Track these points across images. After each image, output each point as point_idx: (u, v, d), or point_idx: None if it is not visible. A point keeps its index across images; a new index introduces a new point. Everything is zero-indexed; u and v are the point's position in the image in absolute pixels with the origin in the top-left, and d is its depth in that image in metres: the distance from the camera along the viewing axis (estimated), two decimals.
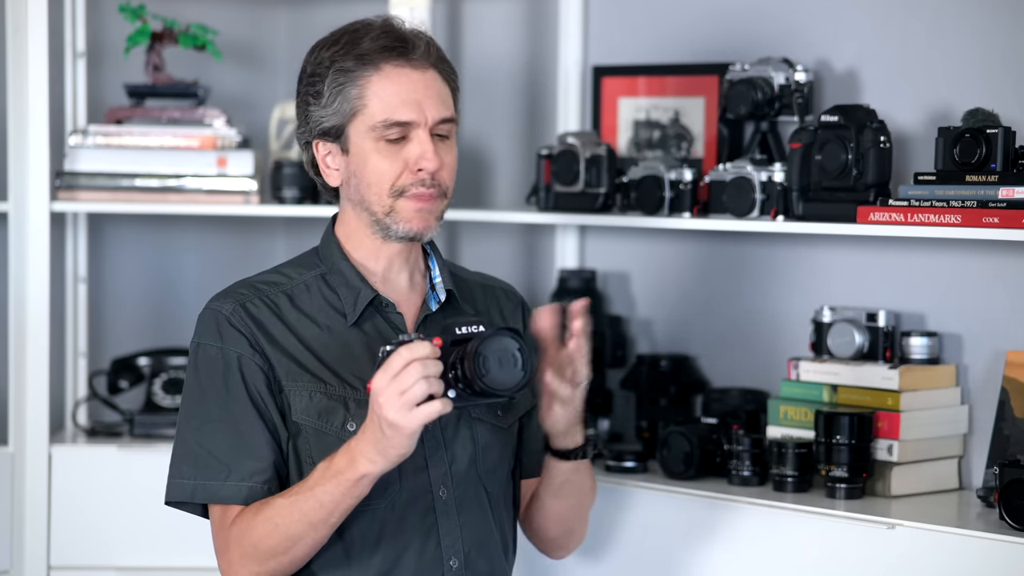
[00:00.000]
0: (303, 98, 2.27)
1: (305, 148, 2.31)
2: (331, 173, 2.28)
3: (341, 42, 2.25)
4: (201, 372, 2.23)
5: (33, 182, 3.06)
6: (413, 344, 2.04)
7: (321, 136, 2.26)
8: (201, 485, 2.20)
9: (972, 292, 2.77)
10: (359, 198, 2.26)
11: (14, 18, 3.06)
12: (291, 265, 2.34)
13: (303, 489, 2.14)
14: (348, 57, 2.23)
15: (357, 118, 2.23)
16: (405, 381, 2.03)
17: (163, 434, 3.21)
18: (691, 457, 2.77)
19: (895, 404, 2.66)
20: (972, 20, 2.76)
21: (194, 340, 2.24)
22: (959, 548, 2.40)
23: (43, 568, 3.07)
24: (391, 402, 2.03)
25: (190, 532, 3.09)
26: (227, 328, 2.22)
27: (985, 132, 2.52)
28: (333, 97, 2.23)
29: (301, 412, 2.22)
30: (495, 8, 3.39)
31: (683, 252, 3.14)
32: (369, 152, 2.23)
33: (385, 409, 2.03)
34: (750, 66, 2.87)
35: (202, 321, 2.25)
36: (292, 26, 3.61)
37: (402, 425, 2.03)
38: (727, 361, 3.08)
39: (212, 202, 3.16)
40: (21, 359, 3.07)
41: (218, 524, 2.21)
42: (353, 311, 2.26)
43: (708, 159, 3.05)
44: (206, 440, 2.21)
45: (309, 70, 2.26)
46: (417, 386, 2.03)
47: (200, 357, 2.23)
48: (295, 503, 2.13)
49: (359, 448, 2.09)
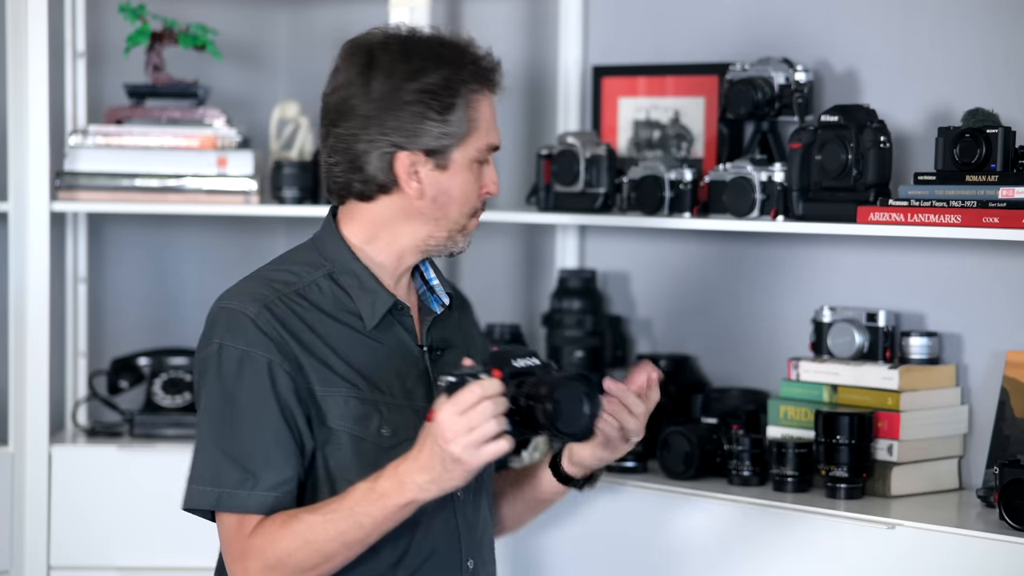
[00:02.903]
0: (418, 109, 2.21)
1: (374, 152, 2.22)
2: (411, 184, 2.23)
3: (466, 63, 2.24)
4: (225, 375, 2.15)
5: (33, 182, 3.06)
6: (485, 381, 2.04)
7: (422, 149, 2.23)
8: (227, 494, 2.14)
9: (972, 292, 2.77)
10: (439, 214, 2.25)
11: (14, 18, 3.06)
12: (295, 263, 2.28)
13: (340, 508, 2.10)
14: (473, 80, 2.24)
15: (467, 139, 2.24)
16: (475, 418, 2.02)
17: (163, 434, 3.21)
18: (691, 457, 2.77)
19: (895, 404, 2.66)
20: (972, 20, 2.76)
21: (214, 340, 2.16)
22: (959, 548, 2.40)
23: (43, 568, 3.07)
24: (460, 438, 2.02)
25: (190, 532, 3.09)
26: (253, 331, 2.16)
27: (985, 132, 2.52)
28: (460, 117, 2.23)
29: (338, 417, 2.19)
30: (495, 8, 3.39)
31: (683, 252, 3.15)
32: (466, 172, 2.25)
33: (452, 444, 2.02)
34: (750, 66, 2.87)
35: (222, 321, 2.17)
36: (292, 26, 3.61)
37: (467, 462, 2.03)
38: (727, 361, 3.08)
39: (212, 202, 3.16)
40: (21, 359, 3.07)
41: (234, 532, 2.15)
42: (372, 316, 2.24)
43: (708, 159, 3.05)
44: (231, 447, 2.14)
45: (438, 84, 2.21)
46: (488, 425, 2.03)
47: (224, 360, 2.15)
48: (331, 522, 2.10)
49: (410, 474, 2.07)
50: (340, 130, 2.25)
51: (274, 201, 3.21)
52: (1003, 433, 2.65)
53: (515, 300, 3.38)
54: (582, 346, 3.11)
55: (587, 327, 3.12)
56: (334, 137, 2.27)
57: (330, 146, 2.28)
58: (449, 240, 2.28)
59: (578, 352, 3.10)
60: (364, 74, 2.24)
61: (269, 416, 2.15)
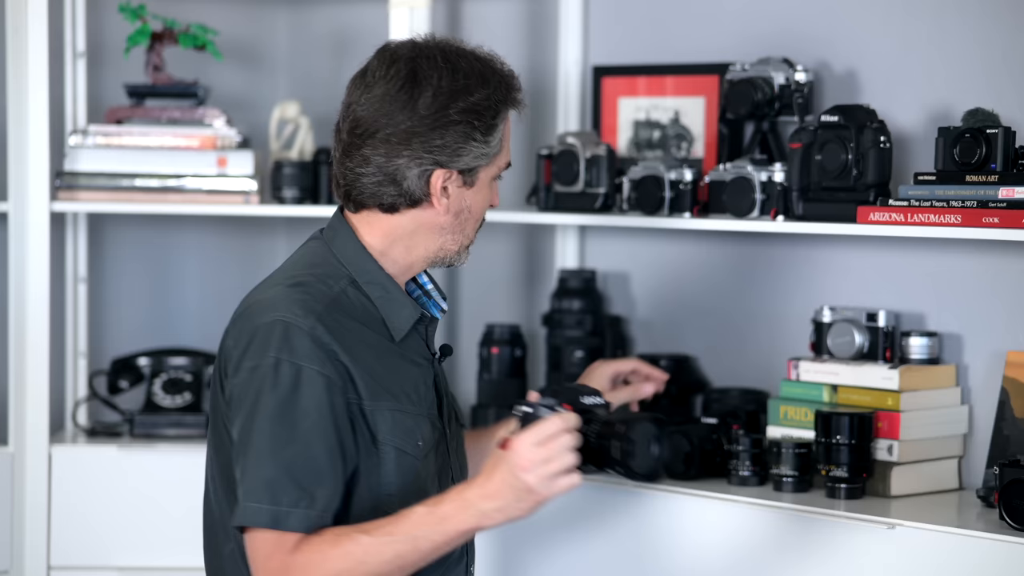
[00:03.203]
0: (464, 130, 2.21)
1: (415, 168, 2.21)
2: (441, 200, 2.24)
3: (501, 83, 2.25)
4: (283, 391, 2.11)
5: (33, 182, 3.06)
6: (566, 415, 2.10)
7: (460, 168, 2.24)
8: (283, 512, 2.09)
9: (972, 292, 2.77)
10: (459, 228, 2.27)
11: (14, 18, 3.06)
12: (318, 268, 2.24)
13: (397, 530, 2.09)
14: (507, 100, 2.26)
15: (495, 159, 2.27)
16: (553, 451, 2.07)
17: (163, 434, 3.21)
18: (691, 457, 2.77)
19: (895, 404, 2.66)
20: (972, 20, 2.76)
21: (270, 354, 2.11)
22: (959, 548, 2.40)
23: (43, 568, 3.07)
24: (537, 469, 2.06)
25: (190, 532, 3.09)
26: (310, 345, 2.12)
27: (985, 132, 2.52)
28: (498, 138, 2.26)
29: (387, 433, 2.18)
30: (495, 8, 3.39)
31: (683, 252, 3.14)
32: (487, 189, 2.29)
33: (529, 474, 2.05)
34: (750, 66, 2.87)
35: (278, 334, 2.12)
36: (292, 26, 3.61)
37: (540, 493, 2.07)
38: (727, 361, 3.08)
39: (212, 202, 3.16)
40: (21, 359, 3.07)
41: (272, 547, 2.10)
42: (399, 327, 2.24)
43: (708, 159, 3.05)
44: (289, 465, 2.10)
45: (483, 104, 2.22)
46: (565, 458, 2.07)
47: (282, 375, 2.11)
48: (388, 544, 2.08)
49: (478, 501, 2.08)
50: (377, 142, 2.21)
51: (274, 201, 3.21)
52: (1003, 433, 2.65)
53: (515, 300, 3.38)
54: (582, 346, 3.11)
55: (587, 327, 3.12)
56: (369, 148, 2.22)
57: (362, 157, 2.23)
58: (458, 254, 2.30)
59: (578, 352, 3.10)
60: (408, 88, 2.20)
61: (324, 433, 2.12)
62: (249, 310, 2.18)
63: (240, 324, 2.18)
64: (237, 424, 2.14)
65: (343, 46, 3.54)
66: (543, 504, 2.09)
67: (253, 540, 2.11)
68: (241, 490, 2.11)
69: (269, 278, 2.26)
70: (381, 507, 2.17)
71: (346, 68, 3.52)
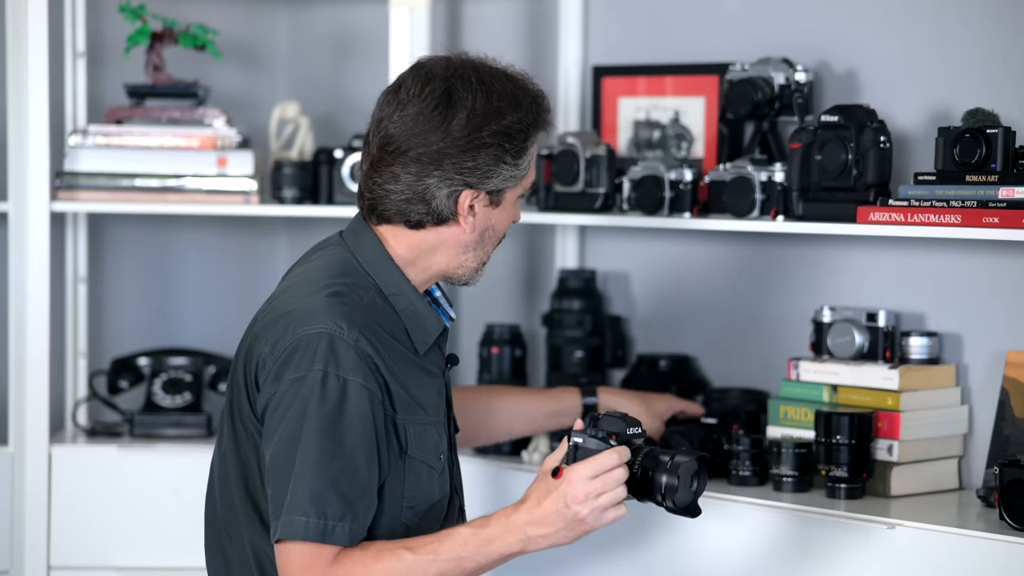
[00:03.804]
0: (495, 152, 2.22)
1: (444, 188, 2.22)
2: (467, 219, 2.25)
3: (532, 105, 2.26)
4: (329, 404, 2.10)
5: (33, 182, 3.06)
6: (620, 449, 2.16)
7: (489, 189, 2.25)
8: (330, 526, 2.09)
9: (972, 292, 2.77)
10: (481, 246, 2.29)
11: (14, 18, 3.06)
12: (347, 278, 2.22)
13: (442, 549, 2.11)
14: (538, 123, 2.27)
15: (522, 180, 2.28)
16: (607, 484, 2.13)
17: (163, 434, 3.21)
18: None
19: (895, 404, 2.66)
20: (972, 20, 2.76)
21: (316, 367, 2.10)
22: (959, 548, 2.40)
23: (43, 568, 3.07)
24: (590, 501, 2.11)
25: (190, 532, 3.09)
26: (354, 358, 2.12)
27: (985, 132, 2.52)
28: (528, 161, 2.26)
29: (417, 447, 2.20)
30: (495, 8, 3.39)
31: (683, 252, 3.14)
32: (511, 207, 2.30)
33: (582, 506, 2.11)
34: (750, 66, 2.87)
35: (323, 347, 2.11)
36: (292, 26, 3.61)
37: (590, 524, 2.13)
38: (727, 361, 3.08)
39: (212, 202, 3.16)
40: (21, 359, 3.07)
41: (309, 559, 2.09)
42: (424, 340, 2.25)
43: (708, 159, 3.05)
44: (335, 479, 2.09)
45: (514, 127, 2.22)
46: (618, 491, 2.14)
47: (329, 388, 2.10)
48: (433, 563, 2.10)
49: (526, 526, 2.13)
50: (408, 160, 2.21)
51: (274, 201, 3.21)
52: (1003, 433, 2.65)
53: (515, 300, 3.38)
54: (582, 346, 3.11)
55: (587, 327, 3.12)
56: (399, 166, 2.22)
57: (391, 173, 2.23)
58: (476, 272, 2.32)
59: (578, 352, 3.10)
60: (443, 109, 2.20)
61: (367, 447, 2.12)
62: (286, 319, 2.16)
63: (276, 332, 2.15)
64: (277, 435, 2.12)
65: (343, 46, 3.54)
66: (588, 533, 2.14)
67: (289, 551, 2.10)
68: (287, 501, 2.09)
69: (299, 284, 2.23)
70: (399, 518, 2.19)
71: (346, 68, 3.56)
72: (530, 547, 2.13)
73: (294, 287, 2.23)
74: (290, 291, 2.22)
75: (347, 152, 3.17)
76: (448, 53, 2.28)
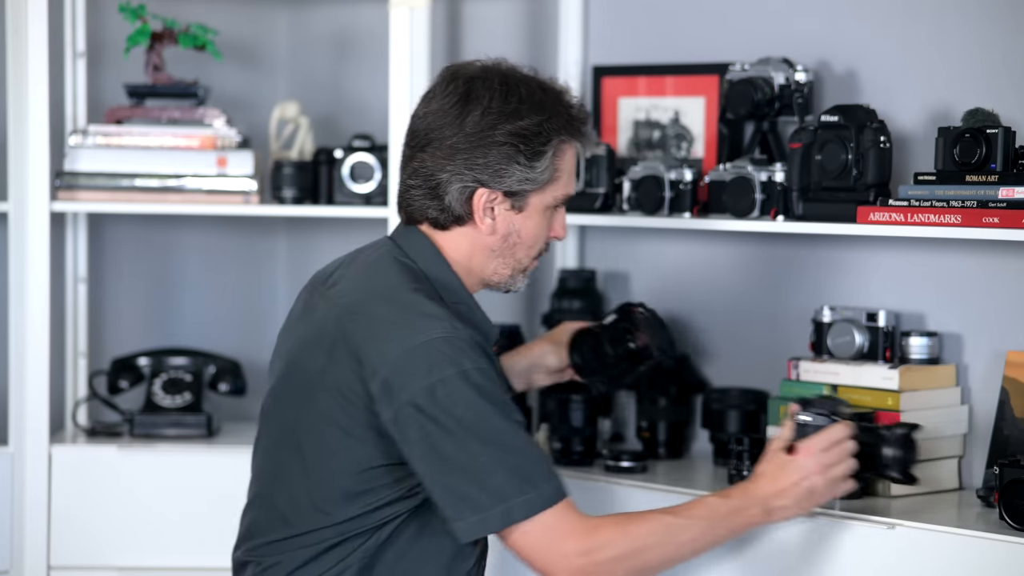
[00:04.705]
0: (507, 151, 2.25)
1: (456, 184, 2.26)
2: (484, 220, 2.28)
3: (560, 111, 2.29)
4: (482, 391, 2.15)
5: (33, 182, 3.06)
6: (848, 424, 2.37)
7: (503, 189, 2.27)
8: (548, 488, 2.15)
9: (972, 292, 2.77)
10: (509, 252, 2.32)
11: (14, 18, 3.06)
12: (417, 283, 2.27)
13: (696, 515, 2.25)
14: (565, 130, 2.29)
15: (548, 186, 2.30)
16: (839, 456, 2.34)
17: (163, 434, 3.21)
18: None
19: (895, 404, 2.66)
20: (972, 20, 2.76)
21: (447, 369, 2.14)
22: (959, 548, 2.40)
23: (43, 568, 3.07)
24: (826, 473, 2.32)
25: (190, 532, 3.10)
26: (479, 351, 2.18)
27: (985, 132, 2.52)
28: (546, 165, 2.28)
29: None
30: (495, 8, 3.39)
31: (683, 252, 3.14)
32: (540, 216, 2.32)
33: (819, 478, 2.31)
34: (750, 66, 2.87)
35: (444, 349, 2.15)
36: (292, 26, 3.61)
37: (822, 496, 2.33)
38: (727, 361, 3.08)
39: (212, 202, 3.16)
40: (21, 359, 3.07)
41: (560, 522, 2.16)
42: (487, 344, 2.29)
43: (708, 159, 3.05)
44: (523, 449, 2.16)
45: (532, 129, 2.26)
46: (848, 463, 2.35)
47: (472, 379, 2.15)
48: (689, 527, 2.24)
49: (767, 499, 2.29)
50: (425, 155, 2.27)
51: (274, 201, 3.21)
52: (1003, 433, 2.65)
53: (515, 300, 3.38)
54: None
55: None
56: (418, 161, 2.29)
57: (412, 169, 2.30)
58: (511, 279, 2.35)
59: None
60: (460, 105, 2.26)
61: (516, 414, 2.19)
62: (391, 327, 2.18)
63: (388, 342, 2.17)
64: (443, 438, 2.14)
65: (343, 46, 3.54)
66: (818, 505, 2.34)
67: (531, 531, 2.15)
68: (504, 488, 2.13)
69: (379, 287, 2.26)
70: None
71: (346, 68, 3.56)
72: (771, 518, 2.30)
73: (374, 290, 2.25)
74: (377, 298, 2.24)
75: (347, 152, 3.17)
76: (488, 61, 2.33)
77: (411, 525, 2.25)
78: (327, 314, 2.26)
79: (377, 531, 2.23)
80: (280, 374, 2.33)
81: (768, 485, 2.30)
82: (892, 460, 2.38)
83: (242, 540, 2.36)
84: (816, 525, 2.53)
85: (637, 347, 2.53)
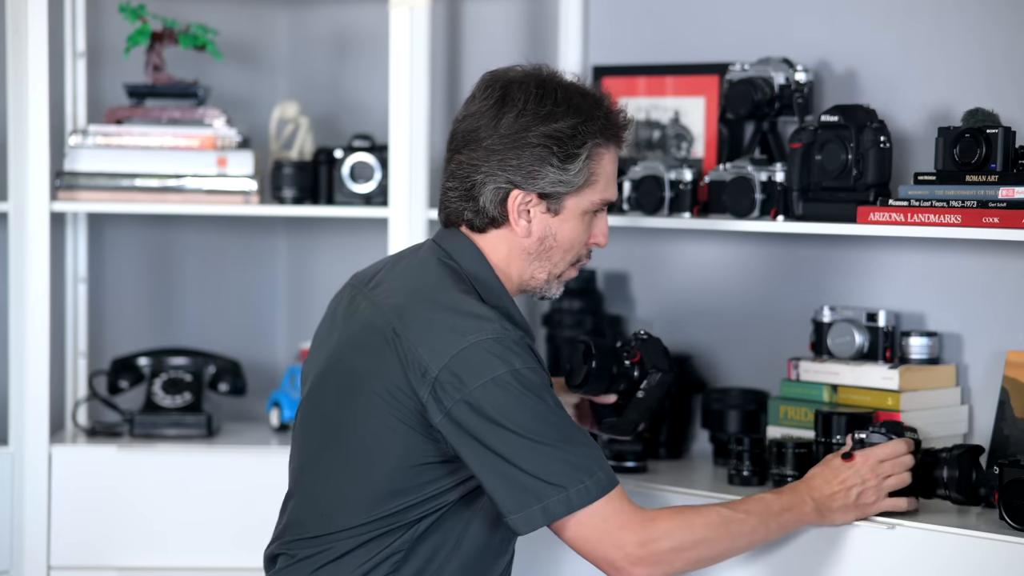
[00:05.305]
0: (541, 153, 2.27)
1: (490, 184, 2.28)
2: (519, 223, 2.30)
3: (597, 115, 2.30)
4: (535, 390, 2.17)
5: (33, 182, 3.06)
6: (907, 440, 2.42)
7: (537, 191, 2.28)
8: (601, 476, 2.17)
9: (972, 292, 2.77)
10: (544, 255, 2.33)
11: (14, 18, 3.06)
12: (461, 285, 2.28)
13: (753, 510, 2.28)
14: (601, 134, 2.30)
15: (584, 190, 2.31)
16: (897, 468, 2.40)
17: (163, 434, 3.21)
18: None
19: (895, 404, 2.66)
20: (972, 20, 2.76)
21: (500, 370, 2.16)
22: (959, 548, 2.39)
23: (43, 568, 3.07)
24: (881, 483, 2.38)
25: (190, 532, 3.09)
26: (527, 351, 2.20)
27: (985, 132, 2.52)
28: (580, 168, 2.29)
29: None
30: (495, 8, 3.39)
31: (683, 252, 3.14)
32: (577, 220, 2.33)
33: (867, 485, 2.37)
34: (750, 66, 2.87)
35: (495, 350, 2.17)
36: (292, 26, 3.61)
37: (871, 507, 2.39)
38: (727, 361, 3.08)
39: (212, 202, 3.16)
40: (21, 359, 3.07)
41: (612, 511, 2.18)
42: None
43: (708, 159, 3.05)
44: (575, 439, 2.18)
45: (566, 132, 2.27)
46: (903, 476, 2.41)
47: (523, 379, 2.17)
48: (746, 521, 2.27)
49: (821, 500, 2.35)
50: (462, 157, 2.30)
51: (274, 201, 3.21)
52: (1003, 433, 2.65)
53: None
54: None
55: (587, 327, 3.12)
56: (455, 163, 2.32)
57: (450, 171, 2.33)
58: (547, 284, 2.36)
59: None
60: (496, 108, 2.28)
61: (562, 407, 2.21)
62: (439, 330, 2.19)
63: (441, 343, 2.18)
64: (499, 434, 2.16)
65: (343, 46, 3.54)
66: (865, 516, 2.39)
67: (588, 522, 2.18)
68: (562, 478, 2.15)
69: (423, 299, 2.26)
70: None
71: (346, 68, 3.56)
72: (823, 519, 2.35)
73: (421, 292, 2.26)
74: (425, 299, 2.24)
75: (347, 152, 3.17)
76: (529, 66, 2.34)
77: (447, 521, 2.26)
78: (373, 315, 2.27)
79: (415, 525, 2.25)
80: (320, 372, 2.34)
81: (823, 486, 2.35)
82: (949, 481, 2.43)
83: (277, 536, 2.37)
84: None
85: (632, 363, 2.52)
